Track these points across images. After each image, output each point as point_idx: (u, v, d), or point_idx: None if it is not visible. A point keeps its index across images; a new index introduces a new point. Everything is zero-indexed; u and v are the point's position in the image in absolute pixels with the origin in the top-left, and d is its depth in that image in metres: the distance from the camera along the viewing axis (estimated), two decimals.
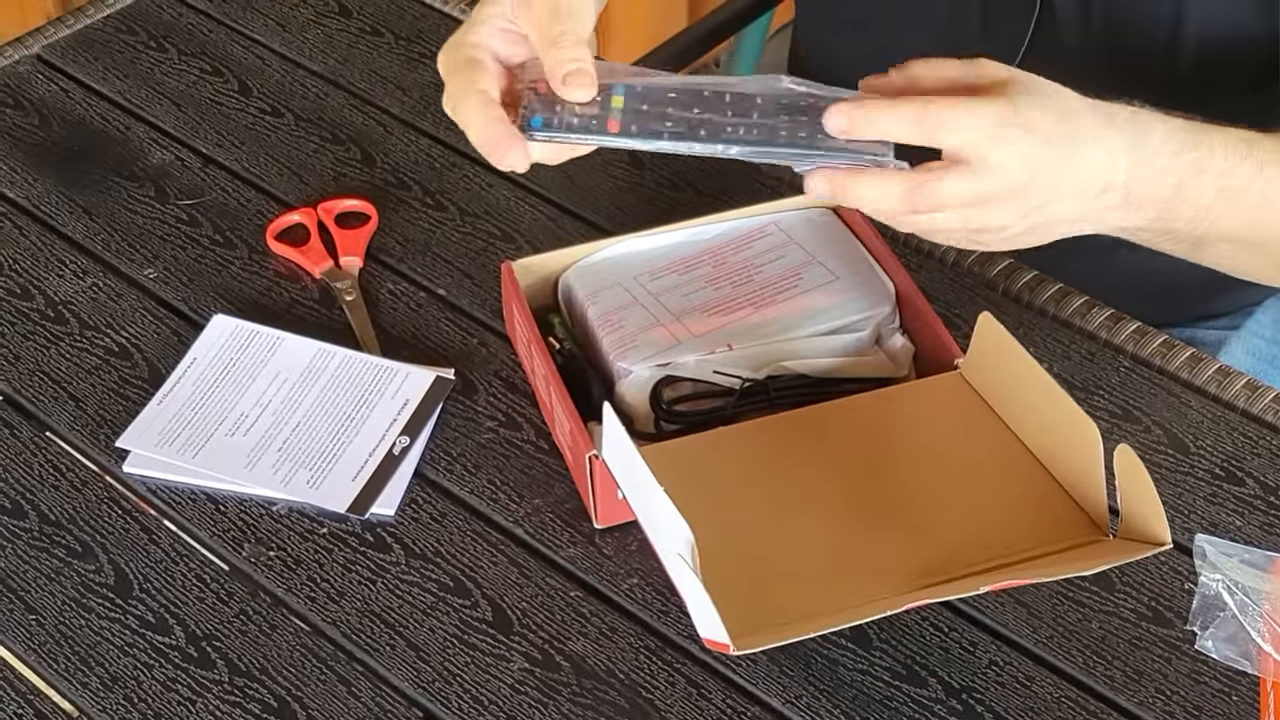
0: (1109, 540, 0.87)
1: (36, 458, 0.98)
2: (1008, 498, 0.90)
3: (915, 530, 0.89)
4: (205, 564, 0.92)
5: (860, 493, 0.91)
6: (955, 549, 0.87)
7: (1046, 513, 0.89)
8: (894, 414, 0.95)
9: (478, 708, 0.86)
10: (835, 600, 0.84)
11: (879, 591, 0.85)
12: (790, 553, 0.88)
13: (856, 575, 0.87)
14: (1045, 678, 0.87)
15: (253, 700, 0.86)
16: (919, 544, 0.88)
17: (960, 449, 0.93)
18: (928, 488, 0.91)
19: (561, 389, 0.93)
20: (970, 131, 0.83)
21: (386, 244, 1.11)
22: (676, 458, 0.91)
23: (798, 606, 0.84)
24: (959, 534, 0.88)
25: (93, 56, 1.25)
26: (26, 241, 1.11)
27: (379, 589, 0.91)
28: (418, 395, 0.99)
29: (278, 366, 1.01)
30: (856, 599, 0.84)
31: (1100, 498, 0.87)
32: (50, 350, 1.04)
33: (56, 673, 0.88)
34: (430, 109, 1.20)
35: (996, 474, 0.92)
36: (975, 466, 0.92)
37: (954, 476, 0.92)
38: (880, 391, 0.96)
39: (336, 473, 0.95)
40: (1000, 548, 0.87)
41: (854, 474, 0.92)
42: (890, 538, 0.88)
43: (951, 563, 0.86)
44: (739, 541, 0.88)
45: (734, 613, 0.78)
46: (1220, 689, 0.86)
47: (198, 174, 1.16)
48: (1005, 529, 0.88)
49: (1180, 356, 1.02)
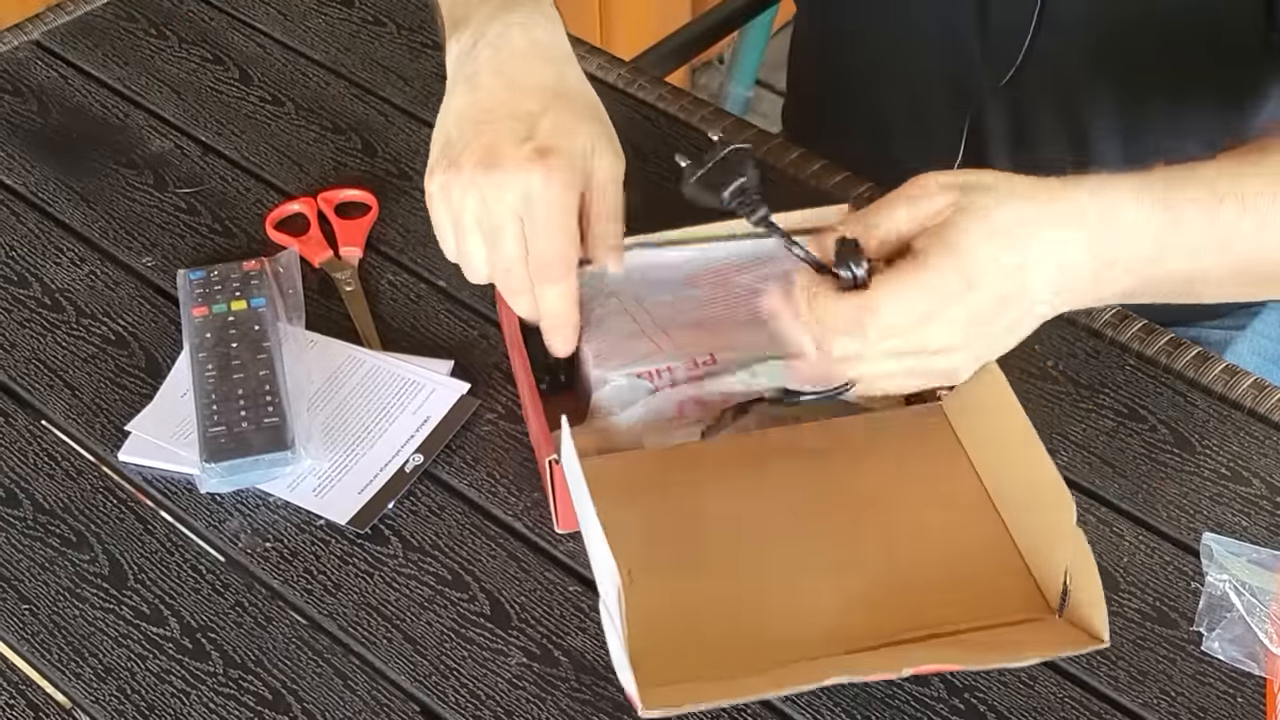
0: (1052, 621, 0.84)
1: (32, 446, 0.97)
2: (958, 554, 0.88)
3: (856, 581, 0.87)
4: (201, 555, 0.92)
5: (808, 531, 0.89)
6: (893, 609, 0.85)
7: (995, 578, 0.87)
8: (863, 444, 0.93)
9: (475, 702, 0.85)
10: (758, 658, 0.83)
11: (805, 652, 0.83)
12: (727, 594, 0.86)
13: (786, 628, 0.85)
14: (1048, 677, 0.86)
15: (247, 693, 0.85)
16: (857, 599, 0.86)
17: (922, 493, 0.91)
18: (879, 533, 0.89)
19: (533, 389, 0.92)
20: (915, 306, 0.82)
21: (387, 234, 1.10)
22: (632, 473, 0.91)
23: (720, 659, 0.83)
24: (905, 591, 0.86)
25: (93, 43, 1.24)
26: (24, 229, 1.10)
27: (376, 582, 0.90)
28: (439, 414, 0.97)
29: (308, 366, 1.00)
30: (781, 656, 0.82)
31: (1057, 574, 0.84)
32: (47, 338, 1.03)
33: (49, 663, 0.87)
34: (431, 99, 1.19)
35: (953, 526, 0.89)
36: (933, 515, 0.90)
37: (909, 524, 0.90)
38: (855, 419, 0.94)
39: (345, 484, 0.94)
40: (939, 613, 0.85)
41: (806, 509, 0.90)
42: (830, 587, 0.86)
43: (886, 624, 0.84)
44: (677, 573, 0.87)
45: (653, 658, 0.79)
46: (1226, 691, 0.85)
47: (197, 162, 1.15)
48: (949, 591, 0.86)
49: (1186, 355, 1.01)
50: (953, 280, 0.81)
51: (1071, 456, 0.96)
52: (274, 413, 0.95)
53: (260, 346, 0.99)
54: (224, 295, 1.02)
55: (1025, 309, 0.84)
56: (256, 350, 0.99)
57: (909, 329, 0.82)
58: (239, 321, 1.00)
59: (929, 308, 0.82)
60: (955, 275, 0.81)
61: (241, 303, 1.02)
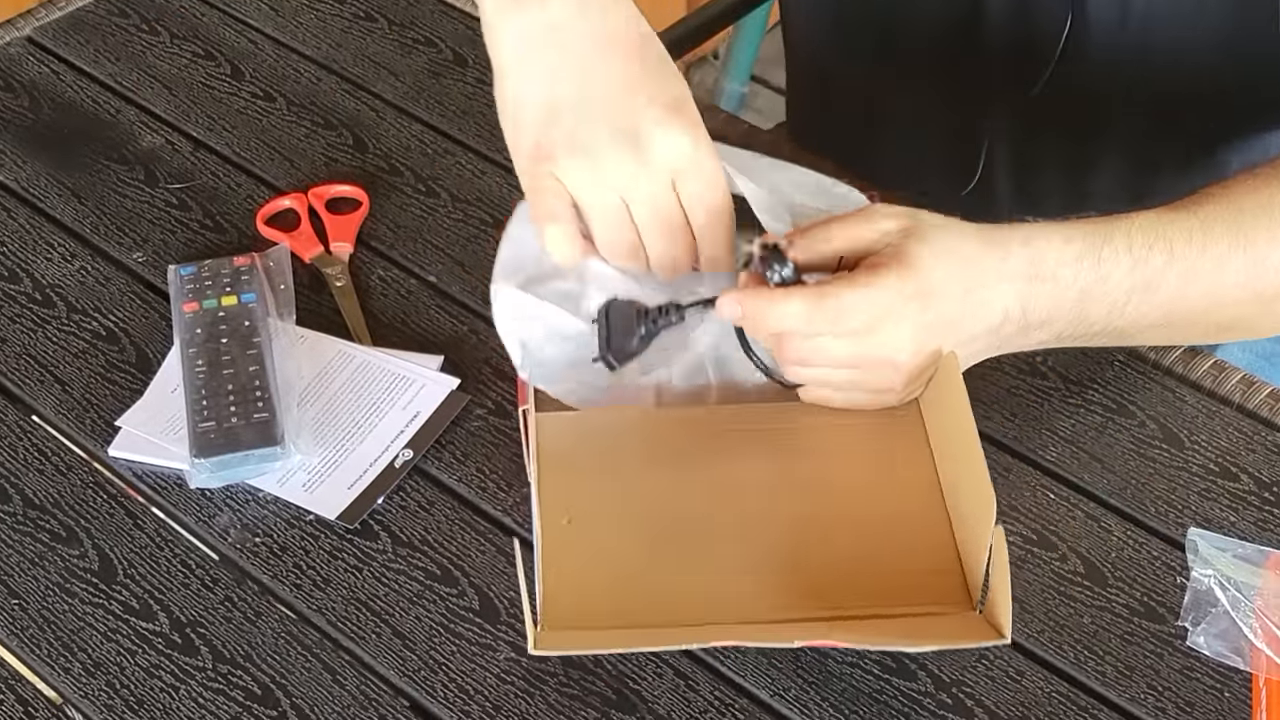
0: (967, 615, 0.85)
1: (22, 441, 0.97)
2: (900, 546, 0.88)
3: (790, 559, 0.88)
4: (190, 550, 0.92)
5: (751, 506, 0.90)
6: (816, 588, 0.86)
7: (929, 571, 0.87)
8: (829, 429, 0.93)
9: (464, 697, 0.85)
10: (664, 617, 0.85)
11: (714, 618, 0.85)
12: (653, 554, 0.88)
13: (702, 593, 0.86)
14: (1035, 672, 0.86)
15: (236, 688, 0.85)
16: (786, 574, 0.87)
17: (880, 485, 0.91)
18: (824, 515, 0.90)
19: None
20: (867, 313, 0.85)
21: (377, 230, 1.10)
22: (593, 432, 0.93)
23: (628, 615, 0.85)
24: (830, 573, 0.87)
25: (84, 39, 1.24)
26: (14, 224, 1.10)
27: (365, 577, 0.90)
28: (429, 409, 0.97)
29: (299, 361, 1.00)
30: (688, 619, 0.84)
31: (980, 571, 0.85)
32: (37, 334, 1.03)
33: (39, 658, 0.87)
34: (423, 95, 1.19)
35: (902, 518, 0.90)
36: (885, 506, 0.90)
37: (858, 513, 0.90)
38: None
39: (334, 479, 0.94)
40: (860, 597, 0.86)
41: (758, 488, 0.91)
42: (761, 561, 0.87)
43: (803, 602, 0.85)
44: (611, 528, 0.89)
45: (563, 604, 0.83)
46: (1212, 685, 0.85)
47: (188, 158, 1.15)
48: (878, 579, 0.87)
49: (1175, 351, 1.01)
50: (910, 288, 0.85)
51: (1060, 452, 0.96)
52: (264, 408, 0.95)
53: (250, 342, 0.99)
54: (214, 290, 1.02)
55: (964, 339, 0.88)
56: (247, 346, 0.99)
57: (863, 329, 0.86)
58: (229, 317, 1.01)
59: (887, 307, 0.85)
60: (913, 285, 0.85)
61: (232, 298, 1.02)
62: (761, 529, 0.89)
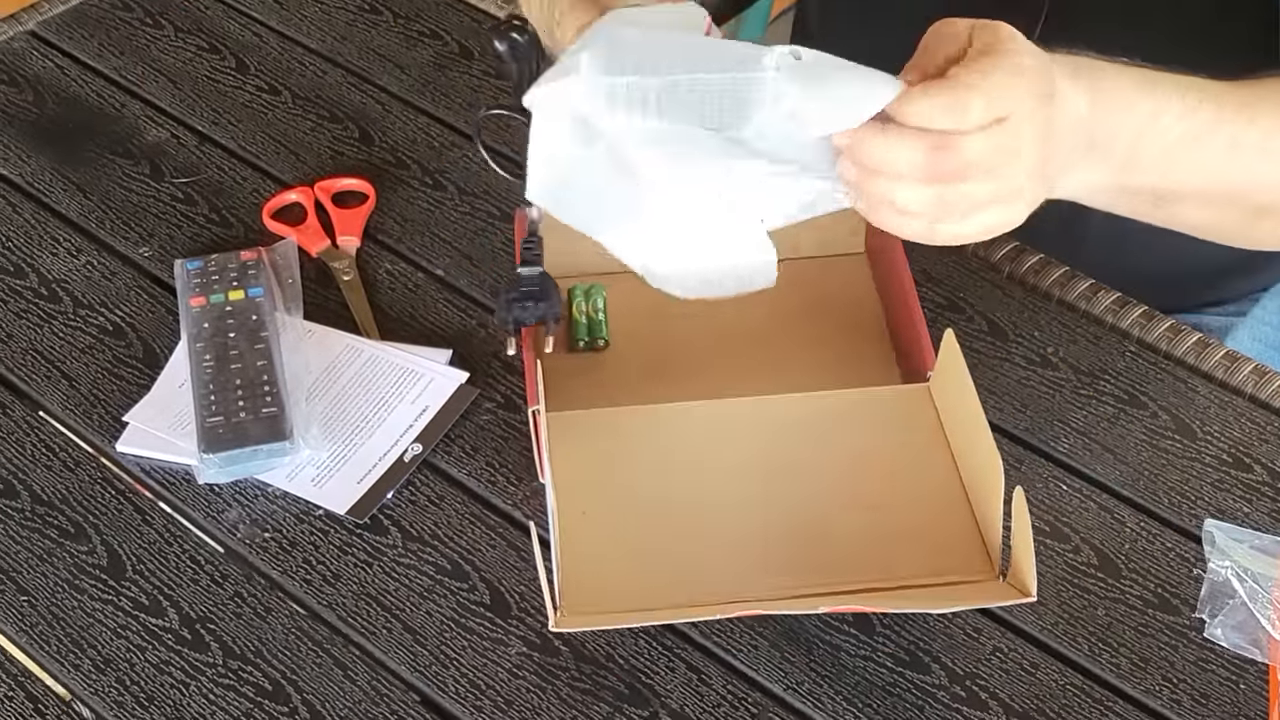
0: (990, 583, 0.85)
1: (29, 437, 0.97)
2: (920, 521, 0.89)
3: (810, 537, 0.88)
4: (199, 546, 0.91)
5: (770, 492, 0.91)
6: (838, 563, 0.87)
7: (949, 542, 0.88)
8: (848, 415, 0.94)
9: (475, 692, 0.85)
10: (686, 596, 0.85)
11: (738, 595, 0.85)
12: (673, 539, 0.88)
13: (724, 574, 0.87)
14: (1050, 664, 0.86)
15: (247, 684, 0.85)
16: (807, 551, 0.87)
17: (895, 464, 0.92)
18: (845, 496, 0.90)
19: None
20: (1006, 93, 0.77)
21: (384, 224, 1.10)
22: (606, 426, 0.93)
23: (649, 596, 0.85)
24: (850, 549, 0.87)
25: (88, 33, 1.24)
26: (20, 219, 1.10)
27: (375, 572, 0.90)
28: (438, 403, 0.97)
29: (306, 355, 0.99)
30: (710, 598, 0.85)
31: (997, 537, 0.86)
32: (44, 329, 1.03)
33: (48, 655, 0.86)
34: (429, 88, 1.19)
35: (919, 495, 0.90)
36: (902, 483, 0.91)
37: (876, 490, 0.91)
38: (844, 392, 0.95)
39: (343, 474, 0.94)
40: (882, 571, 0.86)
41: (774, 472, 0.92)
42: (781, 540, 0.88)
43: (825, 579, 0.86)
44: (628, 516, 0.89)
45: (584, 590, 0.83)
46: (1228, 677, 0.85)
47: (194, 152, 1.15)
48: (900, 551, 0.87)
49: (1187, 341, 1.01)
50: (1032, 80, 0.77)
51: (1072, 443, 0.96)
52: (272, 403, 0.95)
53: (258, 336, 0.99)
54: (221, 285, 1.02)
55: (1054, 133, 0.80)
56: (254, 340, 0.98)
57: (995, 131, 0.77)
58: (236, 311, 1.00)
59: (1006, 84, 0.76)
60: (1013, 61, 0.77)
61: (239, 292, 1.01)
62: (780, 509, 0.90)
